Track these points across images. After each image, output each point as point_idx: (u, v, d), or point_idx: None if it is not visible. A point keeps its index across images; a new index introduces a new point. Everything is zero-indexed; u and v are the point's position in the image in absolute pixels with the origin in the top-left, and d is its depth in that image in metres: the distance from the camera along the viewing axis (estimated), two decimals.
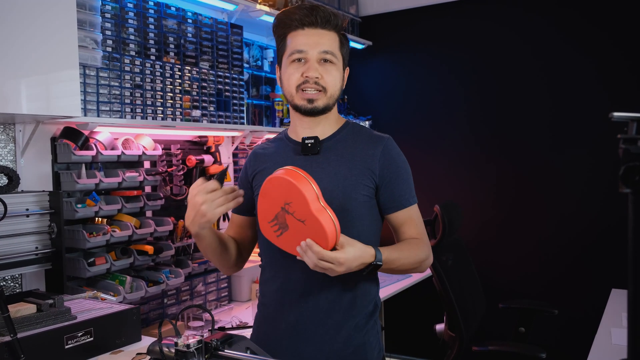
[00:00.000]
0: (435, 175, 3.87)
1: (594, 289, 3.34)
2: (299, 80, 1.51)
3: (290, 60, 1.52)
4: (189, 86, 2.61)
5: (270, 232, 1.38)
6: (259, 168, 1.63)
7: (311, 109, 1.52)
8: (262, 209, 1.38)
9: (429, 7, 3.91)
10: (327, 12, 1.52)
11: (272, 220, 1.36)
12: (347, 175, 1.52)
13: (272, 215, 1.36)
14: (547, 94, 3.53)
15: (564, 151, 3.48)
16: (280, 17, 1.56)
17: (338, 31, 1.56)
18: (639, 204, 0.81)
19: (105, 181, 2.26)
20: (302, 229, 1.31)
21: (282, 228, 1.35)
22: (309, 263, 1.32)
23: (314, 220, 1.28)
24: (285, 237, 1.35)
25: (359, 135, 1.60)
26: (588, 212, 3.40)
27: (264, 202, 1.37)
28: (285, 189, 1.30)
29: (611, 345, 2.22)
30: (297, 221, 1.31)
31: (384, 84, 4.08)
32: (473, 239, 3.65)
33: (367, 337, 1.56)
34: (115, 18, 2.28)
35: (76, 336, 1.59)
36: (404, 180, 1.57)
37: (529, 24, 3.58)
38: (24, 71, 1.74)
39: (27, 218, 1.91)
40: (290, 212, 1.31)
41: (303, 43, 1.51)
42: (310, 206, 1.28)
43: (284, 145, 1.63)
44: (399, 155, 1.58)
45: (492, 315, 3.27)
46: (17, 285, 2.08)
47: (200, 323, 2.51)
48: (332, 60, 1.53)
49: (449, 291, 2.63)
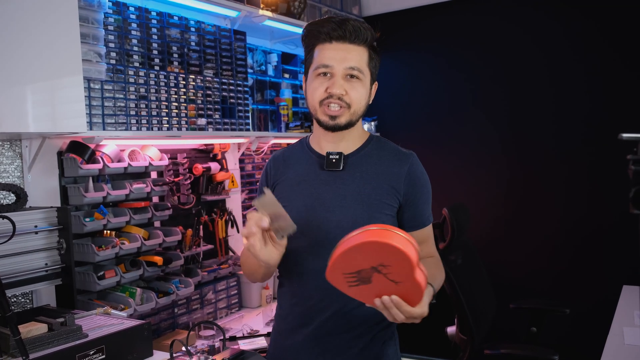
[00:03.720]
0: (442, 175, 3.85)
1: (605, 285, 3.32)
2: (323, 95, 1.49)
3: (316, 73, 1.50)
4: (193, 95, 2.61)
5: (340, 281, 1.24)
6: (280, 178, 1.61)
7: (333, 125, 1.50)
8: (340, 260, 1.20)
9: (431, 5, 3.89)
10: (356, 26, 1.49)
11: (351, 274, 1.21)
12: (371, 194, 1.51)
13: (353, 269, 1.20)
14: (554, 92, 3.51)
15: (573, 148, 3.46)
16: (309, 28, 1.53)
17: (367, 45, 1.52)
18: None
19: (112, 194, 2.26)
20: (390, 287, 1.21)
21: (361, 282, 1.22)
22: (390, 317, 1.26)
23: (413, 283, 1.19)
24: (360, 289, 1.24)
25: (384, 151, 1.58)
26: (597, 208, 3.38)
27: (347, 257, 1.19)
28: (386, 253, 1.16)
29: (624, 346, 2.20)
30: (387, 280, 1.20)
31: (388, 84, 4.07)
32: (482, 238, 3.63)
33: (384, 348, 1.57)
34: (118, 30, 2.28)
35: (88, 354, 1.59)
36: (426, 200, 1.57)
37: (534, 20, 3.55)
38: (30, 90, 1.74)
39: (36, 235, 1.91)
40: (383, 273, 1.19)
41: (330, 57, 1.48)
42: (414, 272, 1.17)
43: (307, 156, 1.61)
44: (422, 174, 1.58)
45: (503, 316, 3.26)
46: (28, 300, 2.09)
47: (211, 332, 2.51)
48: (359, 76, 1.50)
49: (459, 294, 2.62)
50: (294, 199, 1.55)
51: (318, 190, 1.53)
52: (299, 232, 1.50)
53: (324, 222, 1.50)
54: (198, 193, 2.79)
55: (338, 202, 1.51)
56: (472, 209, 3.34)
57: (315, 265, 1.50)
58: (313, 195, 1.53)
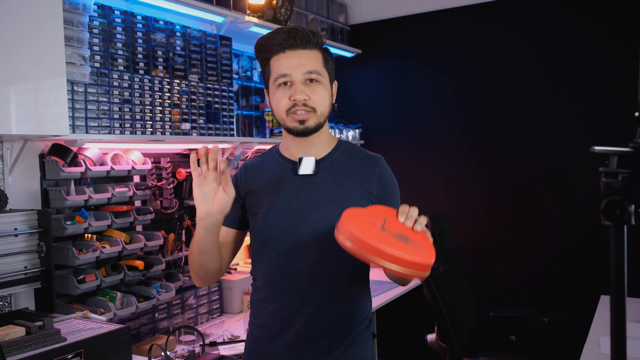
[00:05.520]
0: (426, 183, 3.88)
1: (583, 295, 3.36)
2: (288, 104, 1.51)
3: (277, 84, 1.53)
4: (178, 99, 2.61)
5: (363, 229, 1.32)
6: (252, 186, 1.62)
7: (303, 129, 1.53)
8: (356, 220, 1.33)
9: (417, 15, 3.93)
10: (305, 32, 1.53)
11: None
12: (345, 196, 1.54)
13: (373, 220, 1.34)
14: (539, 101, 3.55)
15: (555, 159, 3.50)
16: (261, 43, 1.57)
17: (320, 48, 1.57)
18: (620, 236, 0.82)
19: (94, 197, 2.25)
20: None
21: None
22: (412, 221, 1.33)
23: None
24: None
25: (354, 155, 1.62)
26: (577, 219, 3.42)
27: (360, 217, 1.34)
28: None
29: (600, 355, 2.23)
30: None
31: (373, 92, 4.09)
32: (464, 247, 3.67)
33: (363, 350, 1.60)
34: (103, 33, 2.28)
35: (66, 358, 1.58)
36: (396, 199, 1.62)
37: (521, 28, 3.59)
38: (13, 91, 1.73)
39: (16, 237, 1.90)
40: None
41: (286, 66, 1.51)
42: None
43: (278, 163, 1.63)
44: (391, 176, 1.64)
45: (483, 324, 3.28)
46: (7, 304, 2.07)
47: (191, 337, 2.50)
48: (318, 79, 1.53)
49: (440, 302, 2.64)
50: (269, 205, 1.56)
51: (292, 196, 1.55)
52: (276, 238, 1.52)
53: (300, 226, 1.52)
54: (181, 197, 2.78)
55: (313, 207, 1.53)
56: (455, 217, 3.37)
57: (294, 269, 1.53)
58: (288, 201, 1.55)
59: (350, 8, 4.21)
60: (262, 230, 1.56)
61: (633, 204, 0.80)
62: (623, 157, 0.81)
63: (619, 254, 0.82)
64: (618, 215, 0.80)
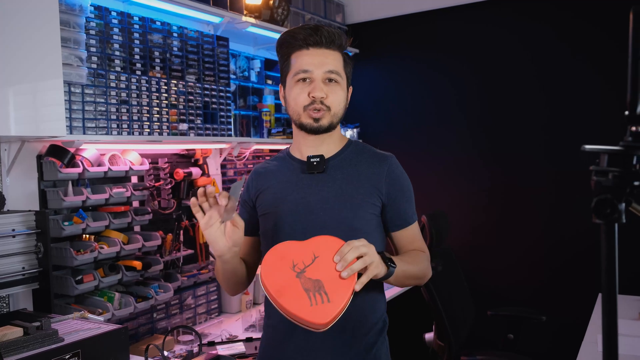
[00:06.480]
0: (424, 182, 3.88)
1: (581, 294, 3.36)
2: (307, 100, 1.52)
3: (295, 80, 1.53)
4: (175, 100, 2.61)
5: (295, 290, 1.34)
6: (263, 187, 1.63)
7: (317, 127, 1.53)
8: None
9: (415, 14, 3.93)
10: (331, 32, 1.53)
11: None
12: (354, 194, 1.53)
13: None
14: (538, 100, 3.56)
15: (554, 158, 3.50)
16: (284, 37, 1.57)
17: (341, 51, 1.57)
18: (610, 234, 0.83)
19: (92, 198, 2.26)
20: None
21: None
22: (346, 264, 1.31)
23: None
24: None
25: (363, 154, 1.62)
26: (575, 218, 3.43)
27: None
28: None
29: (597, 353, 2.23)
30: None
31: (371, 92, 4.10)
32: (462, 246, 3.67)
33: (377, 355, 1.56)
34: (100, 34, 2.28)
35: (64, 359, 1.59)
36: (408, 199, 1.60)
37: (517, 28, 3.60)
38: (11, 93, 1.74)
39: (14, 239, 1.90)
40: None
41: (308, 63, 1.52)
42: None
43: (288, 163, 1.64)
44: (402, 174, 1.61)
45: (481, 323, 3.29)
46: (5, 304, 2.08)
47: (189, 337, 2.51)
48: (337, 80, 1.54)
49: (437, 302, 2.65)
50: (278, 204, 1.56)
51: (301, 194, 1.55)
52: (285, 236, 1.51)
53: (309, 224, 1.51)
54: (179, 198, 2.79)
55: (322, 204, 1.53)
56: (453, 216, 3.38)
57: None
58: (297, 199, 1.55)
59: (347, 8, 4.21)
60: (272, 230, 1.56)
61: (623, 202, 0.80)
62: (613, 155, 0.82)
63: (610, 252, 0.83)
64: (609, 214, 0.81)
